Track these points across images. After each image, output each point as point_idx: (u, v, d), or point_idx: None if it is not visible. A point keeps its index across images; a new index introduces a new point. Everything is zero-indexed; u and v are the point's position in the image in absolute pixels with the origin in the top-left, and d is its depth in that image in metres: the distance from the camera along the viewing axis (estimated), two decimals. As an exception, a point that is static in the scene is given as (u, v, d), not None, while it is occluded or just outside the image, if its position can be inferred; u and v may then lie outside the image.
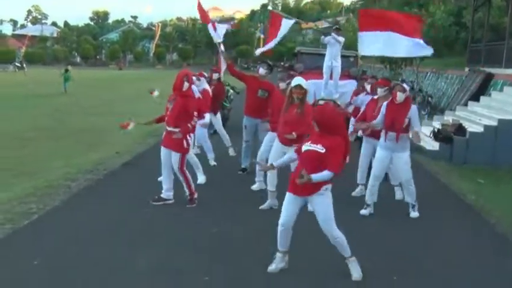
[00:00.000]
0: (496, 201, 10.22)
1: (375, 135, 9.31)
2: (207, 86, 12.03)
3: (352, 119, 11.81)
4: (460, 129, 14.65)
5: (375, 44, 11.93)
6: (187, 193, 8.91)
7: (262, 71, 11.18)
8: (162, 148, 8.94)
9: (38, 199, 8.92)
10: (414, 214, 8.95)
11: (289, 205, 6.19)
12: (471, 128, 14.85)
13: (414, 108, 8.75)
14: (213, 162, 12.13)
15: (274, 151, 8.82)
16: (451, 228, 8.58)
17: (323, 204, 6.10)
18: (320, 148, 5.94)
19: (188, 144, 8.99)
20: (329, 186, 6.09)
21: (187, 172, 8.96)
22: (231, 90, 18.52)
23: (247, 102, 11.37)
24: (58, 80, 34.09)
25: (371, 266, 6.50)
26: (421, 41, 11.70)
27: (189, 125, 8.82)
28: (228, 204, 9.16)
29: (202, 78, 12.06)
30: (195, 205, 8.87)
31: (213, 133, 13.50)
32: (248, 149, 11.48)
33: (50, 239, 7.18)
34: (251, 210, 8.88)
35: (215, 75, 13.26)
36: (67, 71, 32.71)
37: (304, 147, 6.10)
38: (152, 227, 7.86)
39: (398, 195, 9.86)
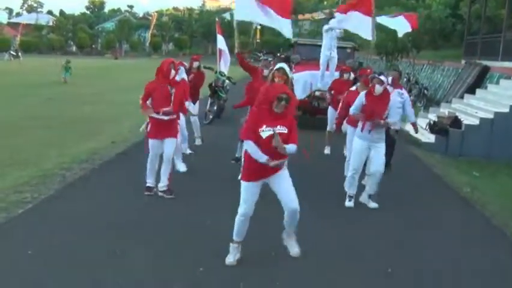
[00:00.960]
0: (491, 194, 10.26)
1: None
2: (185, 76, 12.02)
3: (331, 109, 11.99)
4: (455, 121, 14.67)
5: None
6: (166, 184, 8.87)
7: (266, 72, 11.13)
8: (155, 141, 8.83)
9: (33, 188, 8.90)
10: (374, 205, 8.97)
11: (251, 194, 6.23)
12: (467, 120, 14.87)
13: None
14: (188, 151, 12.17)
15: None
16: (446, 220, 8.58)
17: (286, 179, 6.24)
18: (283, 129, 6.01)
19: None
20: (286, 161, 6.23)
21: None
22: (227, 81, 18.45)
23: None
24: (54, 69, 33.96)
25: (366, 258, 6.51)
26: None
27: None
28: (221, 195, 9.10)
29: (182, 68, 12.05)
30: (173, 196, 8.82)
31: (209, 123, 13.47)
32: None
33: (44, 228, 7.17)
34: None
35: (195, 64, 13.17)
36: (68, 62, 32.64)
37: (268, 132, 6.00)
38: (146, 217, 7.85)
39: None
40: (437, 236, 7.81)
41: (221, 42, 16.83)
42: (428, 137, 15.08)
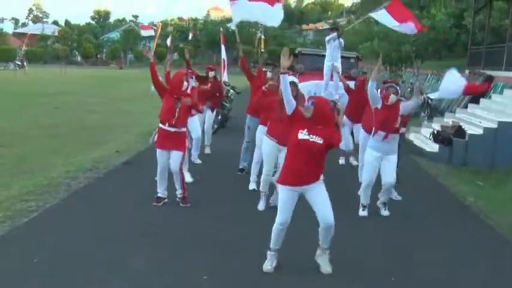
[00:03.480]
0: (495, 204, 10.25)
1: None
2: (195, 85, 12.14)
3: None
4: (459, 131, 14.67)
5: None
6: (181, 192, 8.95)
7: (269, 74, 11.19)
8: (162, 151, 8.88)
9: (38, 197, 8.95)
10: (385, 213, 9.04)
11: (288, 202, 6.23)
12: (471, 130, 14.87)
13: (402, 104, 8.78)
14: (198, 161, 12.23)
15: (269, 152, 8.85)
16: (450, 229, 8.59)
17: (323, 192, 6.25)
18: (319, 140, 6.06)
19: (188, 142, 9.39)
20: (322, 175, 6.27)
21: (183, 171, 9.05)
22: (231, 91, 18.53)
23: (252, 102, 11.37)
24: (59, 79, 34.09)
25: (369, 267, 6.53)
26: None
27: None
28: (227, 204, 9.19)
29: (194, 77, 12.18)
30: (189, 205, 8.88)
31: (214, 132, 13.54)
32: (248, 149, 11.48)
33: (50, 237, 7.20)
34: (250, 209, 8.92)
35: (211, 73, 13.29)
36: None
37: (303, 136, 6.11)
38: (151, 226, 7.86)
39: (394, 196, 9.87)
40: (441, 245, 7.81)
41: (224, 52, 16.94)
42: (432, 147, 15.09)
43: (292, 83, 8.13)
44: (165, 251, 6.86)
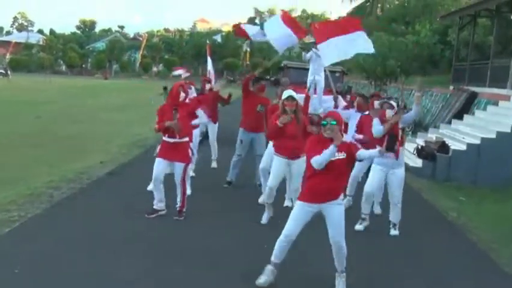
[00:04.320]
0: (477, 220, 10.30)
1: (368, 147, 9.37)
2: (195, 95, 12.12)
3: None
4: (443, 146, 14.76)
5: (333, 51, 12.14)
6: (179, 205, 8.90)
7: (256, 91, 11.25)
8: (161, 160, 8.82)
9: (20, 207, 8.86)
10: (395, 232, 9.00)
11: (300, 215, 6.21)
12: (454, 145, 14.96)
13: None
14: (191, 173, 12.18)
15: (279, 168, 8.81)
16: (432, 245, 8.61)
17: (340, 213, 6.23)
18: (342, 156, 6.09)
19: (192, 153, 9.31)
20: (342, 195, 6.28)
21: (186, 184, 9.01)
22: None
23: (245, 117, 11.39)
24: (43, 87, 33.92)
25: (351, 281, 6.52)
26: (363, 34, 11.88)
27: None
28: (218, 217, 9.16)
29: (193, 87, 12.18)
30: (182, 218, 8.83)
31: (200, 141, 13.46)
32: (238, 163, 11.46)
33: (31, 247, 7.13)
34: (241, 222, 8.94)
35: (208, 86, 13.26)
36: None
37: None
38: (135, 237, 7.82)
39: (377, 210, 9.91)
40: (423, 259, 7.83)
41: (210, 64, 16.97)
42: (416, 162, 15.16)
43: (291, 98, 8.17)
44: (149, 262, 6.81)
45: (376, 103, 10.00)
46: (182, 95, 8.82)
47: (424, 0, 37.57)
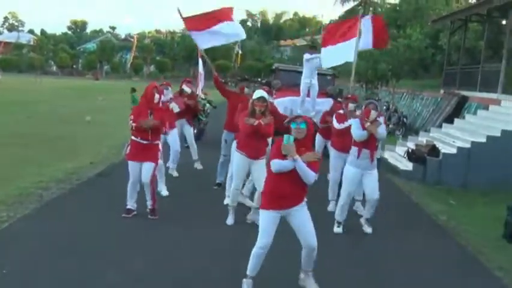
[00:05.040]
0: (467, 223, 10.33)
1: (345, 149, 9.40)
2: (171, 96, 12.14)
3: (318, 136, 12.04)
4: (433, 150, 14.79)
5: (335, 55, 12.41)
6: (150, 204, 8.92)
7: (248, 90, 11.23)
8: (133, 163, 8.87)
9: (9, 207, 8.83)
10: (369, 229, 9.09)
11: (270, 225, 6.07)
12: (444, 149, 15.00)
13: (382, 123, 8.86)
14: (175, 173, 12.18)
15: (240, 166, 8.84)
16: (422, 248, 8.62)
17: (307, 215, 6.16)
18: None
19: (160, 154, 9.40)
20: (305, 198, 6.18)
21: (154, 184, 9.03)
22: (208, 104, 18.51)
23: (228, 118, 11.37)
24: (33, 87, 33.78)
25: (341, 284, 6.52)
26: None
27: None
28: (200, 219, 9.13)
29: (169, 88, 12.19)
30: (157, 217, 8.84)
31: (186, 147, 13.43)
32: (225, 163, 11.45)
33: (20, 247, 7.10)
34: (225, 223, 8.91)
35: (186, 88, 13.19)
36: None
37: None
38: (125, 238, 7.81)
39: (361, 210, 9.92)
40: (412, 263, 7.84)
41: (201, 66, 16.96)
42: (406, 165, 15.19)
43: (262, 99, 8.16)
44: (137, 263, 6.80)
45: (351, 105, 10.13)
46: (157, 96, 8.81)
47: (416, 4, 37.70)
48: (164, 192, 10.42)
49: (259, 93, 8.29)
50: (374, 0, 58.42)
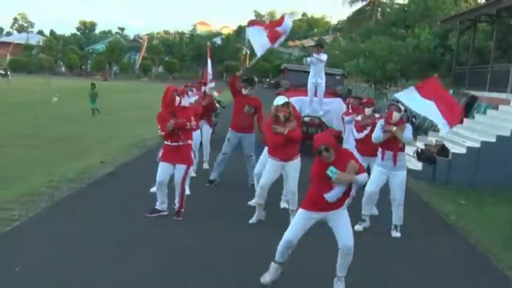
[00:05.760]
0: (477, 222, 10.30)
1: (372, 153, 9.40)
2: (196, 97, 12.16)
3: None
4: (443, 150, 14.77)
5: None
6: (177, 205, 8.91)
7: (244, 91, 11.27)
8: (165, 164, 8.85)
9: (21, 206, 8.86)
10: (396, 234, 9.03)
11: (303, 222, 6.18)
12: (454, 149, 14.97)
13: (408, 126, 8.83)
14: (192, 174, 12.23)
15: (272, 170, 8.82)
16: (432, 247, 8.61)
17: (346, 218, 6.22)
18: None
19: (194, 155, 9.39)
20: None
21: (185, 185, 9.04)
22: (217, 105, 18.52)
23: (234, 117, 11.43)
24: (41, 88, 33.90)
25: (350, 281, 6.52)
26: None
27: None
28: (217, 219, 9.13)
29: (193, 90, 12.25)
30: (181, 218, 8.85)
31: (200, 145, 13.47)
32: (223, 162, 11.48)
33: (32, 246, 7.14)
34: (240, 224, 8.90)
35: (203, 88, 13.28)
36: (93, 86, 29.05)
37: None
38: (133, 238, 7.82)
39: (375, 211, 9.90)
40: (422, 262, 7.83)
41: (210, 66, 16.99)
42: (416, 165, 15.17)
43: (286, 104, 8.17)
44: (148, 262, 6.82)
45: (367, 110, 10.08)
46: (177, 99, 8.80)
47: (424, 4, 37.58)
48: (187, 191, 10.42)
49: (282, 99, 8.29)
50: (382, 0, 58.43)
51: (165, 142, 8.90)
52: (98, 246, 7.30)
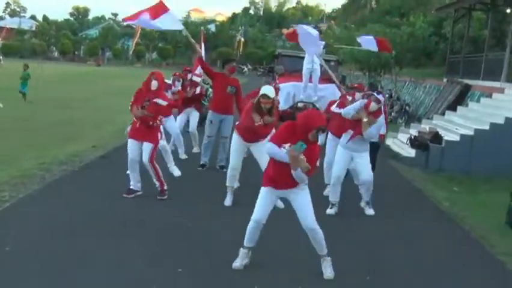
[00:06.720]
0: (470, 209, 10.30)
1: (341, 133, 9.38)
2: (179, 88, 12.20)
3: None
4: (436, 137, 14.76)
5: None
6: (157, 184, 8.92)
7: (227, 72, 11.26)
8: (132, 141, 8.91)
9: (12, 187, 8.82)
10: (370, 211, 9.14)
11: (266, 200, 6.17)
12: (447, 136, 14.97)
13: (379, 124, 8.83)
14: (183, 156, 12.19)
15: (237, 147, 8.95)
16: (425, 234, 8.59)
17: (305, 198, 6.14)
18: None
19: (161, 136, 9.41)
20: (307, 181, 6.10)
21: (156, 164, 8.99)
22: (210, 89, 18.44)
23: (215, 98, 11.41)
24: (34, 74, 33.64)
25: (344, 266, 6.50)
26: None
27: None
28: (203, 199, 9.17)
29: (181, 80, 12.28)
30: (166, 197, 8.87)
31: (187, 132, 13.43)
32: (210, 144, 11.48)
33: (22, 226, 7.09)
34: (224, 205, 8.94)
35: (189, 76, 13.21)
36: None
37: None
38: (125, 219, 7.79)
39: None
40: (416, 248, 7.82)
41: (203, 52, 16.90)
42: (409, 152, 15.16)
43: (267, 96, 8.09)
44: (137, 243, 6.80)
45: (358, 95, 10.10)
46: (154, 83, 8.76)
47: (419, -7, 37.59)
48: (177, 172, 10.36)
49: (265, 89, 8.22)
50: (377, -12, 58.32)
51: (134, 119, 8.91)
52: (89, 227, 7.26)
